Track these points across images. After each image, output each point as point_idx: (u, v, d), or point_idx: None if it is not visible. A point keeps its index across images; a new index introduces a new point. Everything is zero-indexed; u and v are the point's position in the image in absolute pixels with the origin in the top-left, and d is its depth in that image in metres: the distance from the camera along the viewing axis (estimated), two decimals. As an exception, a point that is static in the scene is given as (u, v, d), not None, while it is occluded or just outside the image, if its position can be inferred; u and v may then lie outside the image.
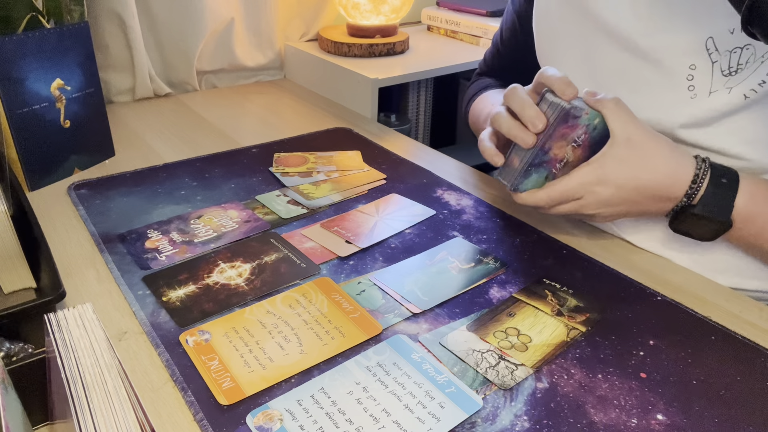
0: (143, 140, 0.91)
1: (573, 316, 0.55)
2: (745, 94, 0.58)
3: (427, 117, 1.41)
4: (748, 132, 0.60)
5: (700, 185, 0.57)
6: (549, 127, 0.58)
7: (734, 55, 0.58)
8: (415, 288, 0.58)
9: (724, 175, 0.57)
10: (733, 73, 0.58)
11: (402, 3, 1.16)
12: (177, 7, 1.05)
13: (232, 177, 0.79)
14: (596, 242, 0.67)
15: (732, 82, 0.59)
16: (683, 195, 0.58)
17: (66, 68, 0.75)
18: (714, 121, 0.61)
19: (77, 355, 0.36)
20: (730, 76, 0.59)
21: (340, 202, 0.74)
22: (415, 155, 0.88)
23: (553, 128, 0.57)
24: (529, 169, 0.59)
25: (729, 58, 0.58)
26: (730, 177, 0.57)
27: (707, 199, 0.57)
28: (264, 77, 1.23)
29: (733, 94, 0.59)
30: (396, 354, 0.50)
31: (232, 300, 0.56)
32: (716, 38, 0.58)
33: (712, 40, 0.59)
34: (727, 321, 0.55)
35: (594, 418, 0.44)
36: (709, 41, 0.59)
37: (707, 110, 0.60)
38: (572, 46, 0.69)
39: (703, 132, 0.62)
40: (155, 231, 0.66)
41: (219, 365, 0.48)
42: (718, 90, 0.59)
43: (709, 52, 0.59)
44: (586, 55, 0.68)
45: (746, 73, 0.58)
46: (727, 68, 0.58)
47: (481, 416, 0.44)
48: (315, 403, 0.45)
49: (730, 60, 0.58)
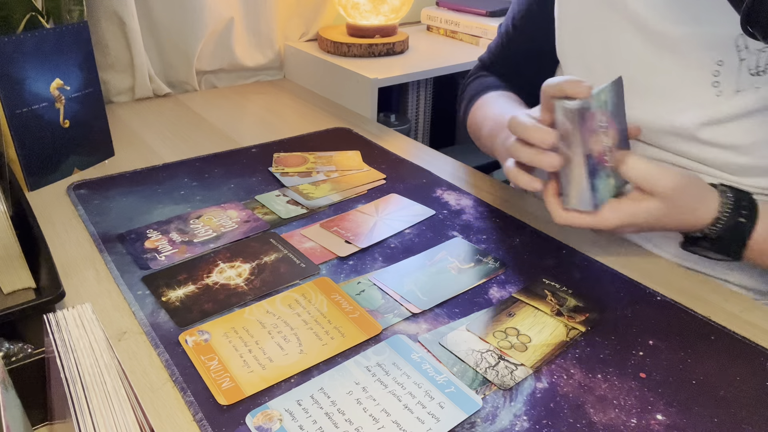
0: (143, 140, 0.91)
1: (572, 316, 0.55)
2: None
3: (427, 117, 1.41)
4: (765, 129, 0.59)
5: (718, 225, 0.56)
6: (575, 133, 0.54)
7: (763, 54, 0.57)
8: (414, 288, 0.58)
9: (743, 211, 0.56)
10: (761, 73, 0.58)
11: (401, 3, 1.16)
12: (176, 7, 1.05)
13: (231, 177, 0.79)
14: (596, 242, 0.67)
15: (760, 82, 0.58)
16: (700, 230, 0.58)
17: (65, 68, 0.75)
18: (735, 119, 0.60)
19: (77, 355, 0.36)
20: (758, 75, 0.58)
21: (339, 202, 0.74)
22: (415, 155, 0.88)
23: (579, 132, 0.54)
24: (591, 182, 0.56)
25: (758, 58, 0.57)
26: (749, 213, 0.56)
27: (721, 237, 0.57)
28: (263, 77, 1.23)
29: (760, 95, 0.58)
30: (395, 354, 0.50)
31: (231, 300, 0.56)
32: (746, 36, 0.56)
33: (743, 37, 0.57)
34: (727, 321, 0.55)
35: (593, 418, 0.44)
36: (740, 38, 0.57)
37: (731, 108, 0.59)
38: (594, 35, 0.67)
39: (723, 128, 0.61)
40: (155, 231, 0.66)
41: (218, 365, 0.48)
42: (746, 90, 0.58)
43: (738, 49, 0.58)
44: (607, 45, 0.66)
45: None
46: (755, 67, 0.58)
47: (481, 416, 0.44)
48: (314, 403, 0.45)
49: (758, 59, 0.57)
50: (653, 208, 0.55)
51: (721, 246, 0.57)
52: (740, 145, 0.61)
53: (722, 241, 0.57)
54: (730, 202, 0.56)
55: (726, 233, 0.56)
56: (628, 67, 0.65)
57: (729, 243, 0.57)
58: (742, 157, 0.61)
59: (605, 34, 0.66)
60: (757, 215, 0.56)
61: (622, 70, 0.64)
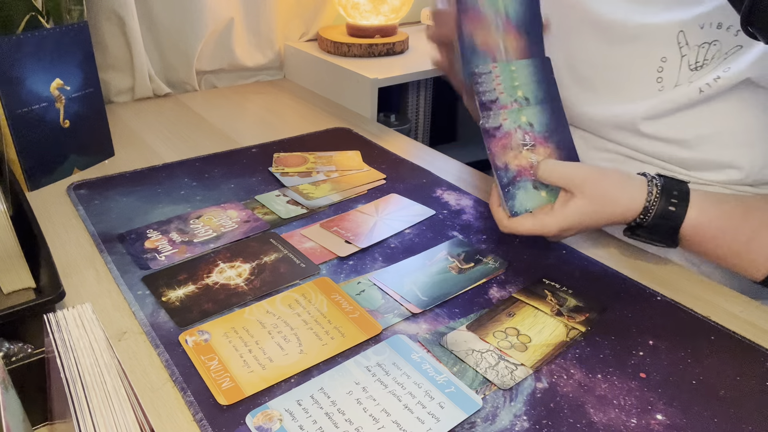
0: (143, 140, 0.91)
1: (572, 316, 0.55)
2: (700, 87, 0.59)
3: (427, 117, 1.40)
4: (706, 124, 0.61)
5: (649, 214, 0.57)
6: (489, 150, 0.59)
7: (702, 50, 0.59)
8: (414, 288, 0.58)
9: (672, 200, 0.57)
10: (699, 68, 0.60)
11: (402, 3, 1.16)
12: (176, 7, 1.05)
13: (231, 177, 0.79)
14: (596, 242, 0.67)
15: (695, 77, 0.60)
16: (634, 219, 0.58)
17: (65, 68, 0.75)
18: (674, 113, 0.62)
19: (77, 355, 0.36)
20: (696, 70, 0.60)
21: (339, 202, 0.74)
22: (415, 155, 0.88)
23: (487, 148, 0.59)
24: (508, 191, 0.59)
25: (697, 53, 0.60)
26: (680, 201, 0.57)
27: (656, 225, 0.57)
28: (263, 77, 1.23)
29: (691, 88, 0.60)
30: (395, 354, 0.50)
31: (231, 300, 0.56)
32: (687, 32, 0.60)
33: (683, 33, 0.60)
34: (727, 321, 0.55)
35: (593, 418, 0.44)
36: (680, 35, 0.60)
37: (669, 102, 0.62)
38: (557, 38, 0.71)
39: (664, 123, 0.64)
40: (155, 231, 0.66)
41: (218, 365, 0.48)
42: (683, 84, 0.61)
43: (680, 45, 0.60)
44: (569, 49, 0.70)
45: (709, 69, 0.59)
46: (695, 63, 0.60)
47: (481, 416, 0.44)
48: (314, 403, 0.45)
49: (698, 55, 0.60)
50: (580, 205, 0.57)
51: (656, 233, 0.58)
52: (682, 140, 0.63)
53: (657, 229, 0.57)
54: (657, 191, 0.57)
55: (659, 221, 0.57)
56: (588, 67, 0.68)
57: (663, 230, 0.57)
58: (686, 151, 0.64)
59: (567, 37, 0.70)
60: (688, 203, 0.56)
61: (581, 69, 0.69)
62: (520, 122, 0.59)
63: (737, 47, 0.58)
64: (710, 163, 0.63)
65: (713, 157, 0.63)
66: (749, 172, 0.61)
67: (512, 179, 0.59)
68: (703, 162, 0.63)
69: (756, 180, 0.62)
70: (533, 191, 0.59)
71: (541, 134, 0.60)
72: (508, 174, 0.59)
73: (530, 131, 0.59)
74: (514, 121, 0.58)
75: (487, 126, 0.59)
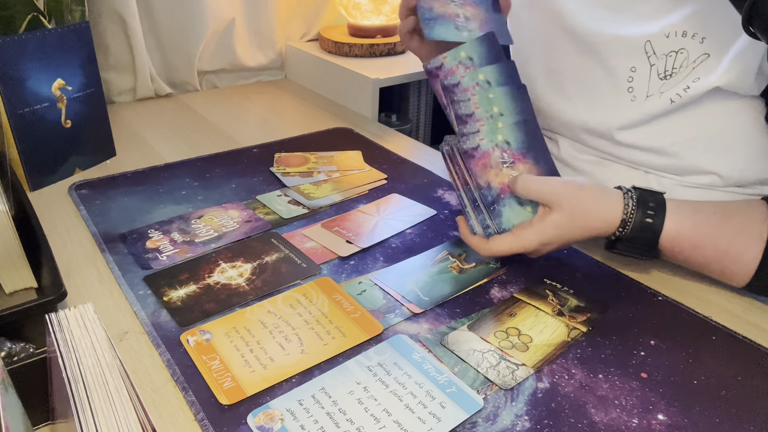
0: (144, 140, 0.91)
1: (574, 316, 0.55)
2: (671, 98, 0.60)
3: (428, 117, 1.40)
4: (680, 131, 0.62)
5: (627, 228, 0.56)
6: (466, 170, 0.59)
7: (669, 58, 0.60)
8: (415, 288, 0.58)
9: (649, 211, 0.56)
10: (669, 77, 0.60)
11: (403, 3, 1.16)
12: (178, 7, 1.05)
13: (233, 177, 0.79)
14: (596, 242, 0.67)
15: (665, 86, 0.61)
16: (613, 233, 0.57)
17: (67, 68, 0.75)
18: (648, 122, 0.63)
19: (78, 355, 0.36)
20: (665, 79, 0.61)
21: (340, 202, 0.74)
22: (416, 155, 0.88)
23: (468, 169, 0.59)
24: (494, 208, 0.59)
25: (665, 62, 0.60)
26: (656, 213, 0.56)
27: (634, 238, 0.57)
28: (265, 77, 1.23)
29: (663, 99, 0.61)
30: (397, 354, 0.50)
31: (233, 300, 0.56)
32: (654, 41, 0.60)
33: (650, 43, 0.61)
34: (728, 321, 0.55)
35: (595, 418, 0.44)
36: (647, 44, 0.61)
37: (641, 114, 0.63)
38: (537, 44, 0.72)
39: (639, 132, 0.64)
40: (156, 231, 0.66)
41: (220, 365, 0.48)
42: (654, 94, 0.62)
43: (648, 55, 0.61)
44: (548, 56, 0.71)
45: (678, 78, 0.60)
46: (663, 72, 0.60)
47: (482, 416, 0.44)
48: (316, 403, 0.45)
49: (666, 63, 0.60)
50: (557, 219, 0.57)
51: (636, 246, 0.57)
52: (659, 147, 0.64)
53: (636, 241, 0.57)
54: (633, 203, 0.56)
55: (637, 233, 0.56)
56: (567, 79, 0.69)
57: (642, 243, 0.57)
58: (663, 158, 0.64)
59: (547, 49, 0.71)
60: (665, 213, 0.56)
61: (562, 80, 0.70)
62: (497, 141, 0.59)
63: (705, 55, 0.58)
64: (689, 168, 0.64)
65: (691, 162, 0.63)
66: (729, 175, 0.62)
67: (497, 197, 0.59)
68: (682, 168, 0.64)
69: (739, 181, 0.63)
70: (518, 207, 0.59)
71: (519, 151, 0.60)
72: (491, 192, 0.58)
73: (508, 149, 0.59)
74: (490, 140, 0.58)
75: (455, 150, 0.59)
